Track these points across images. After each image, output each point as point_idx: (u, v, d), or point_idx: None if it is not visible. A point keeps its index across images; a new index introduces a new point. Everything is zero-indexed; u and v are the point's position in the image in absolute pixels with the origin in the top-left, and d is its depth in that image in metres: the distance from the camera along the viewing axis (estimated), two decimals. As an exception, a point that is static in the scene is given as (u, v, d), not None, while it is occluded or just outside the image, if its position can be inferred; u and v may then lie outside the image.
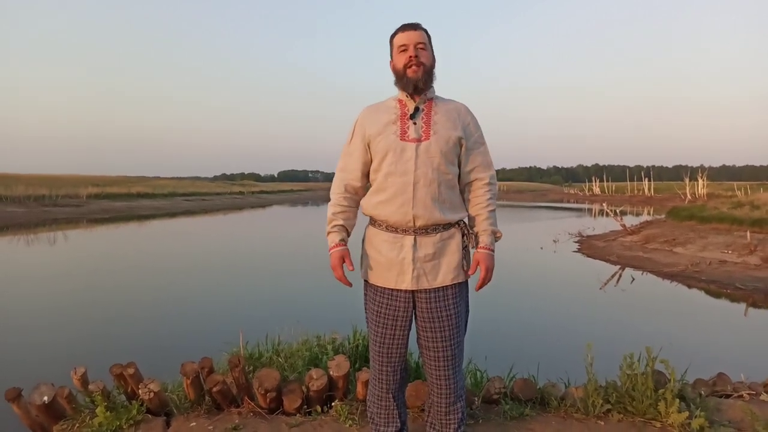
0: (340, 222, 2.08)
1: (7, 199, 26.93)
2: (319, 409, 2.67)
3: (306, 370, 2.82)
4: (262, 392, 2.58)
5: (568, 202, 52.55)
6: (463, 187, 2.07)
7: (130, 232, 22.32)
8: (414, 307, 2.01)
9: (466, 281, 2.07)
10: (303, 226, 25.98)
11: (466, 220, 2.08)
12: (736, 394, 3.02)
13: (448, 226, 1.99)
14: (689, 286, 10.18)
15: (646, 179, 54.95)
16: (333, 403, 2.70)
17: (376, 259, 2.02)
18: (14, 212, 25.13)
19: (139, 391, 2.55)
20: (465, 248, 2.02)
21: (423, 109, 1.99)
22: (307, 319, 4.30)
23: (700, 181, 38.84)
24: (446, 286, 1.97)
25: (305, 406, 2.67)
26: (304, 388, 2.67)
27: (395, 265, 1.97)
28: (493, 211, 2.04)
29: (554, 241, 16.59)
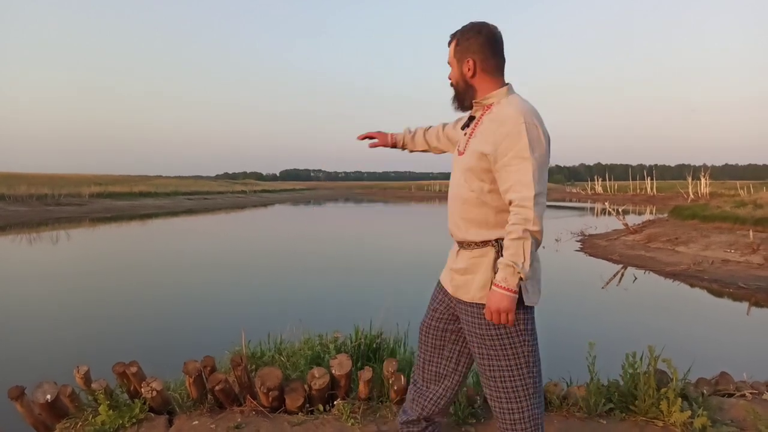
0: (413, 128, 2.29)
1: (10, 198, 27.01)
2: (321, 407, 2.67)
3: (308, 369, 2.82)
4: (265, 391, 2.58)
5: (571, 201, 52.49)
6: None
7: (132, 230, 22.36)
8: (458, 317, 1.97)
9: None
10: (305, 226, 26.00)
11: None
12: (738, 394, 3.01)
13: (482, 243, 1.85)
14: (692, 285, 10.17)
15: (649, 178, 54.83)
16: (335, 402, 2.70)
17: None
18: (17, 211, 25.19)
19: (142, 389, 2.55)
20: (497, 270, 1.78)
21: (476, 119, 1.90)
22: (310, 318, 4.30)
23: (703, 180, 38.73)
24: (478, 303, 1.84)
25: (307, 405, 2.68)
26: (306, 386, 2.68)
27: (447, 268, 2.00)
28: (518, 240, 1.70)
29: (556, 240, 16.56)
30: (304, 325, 3.82)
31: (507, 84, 1.86)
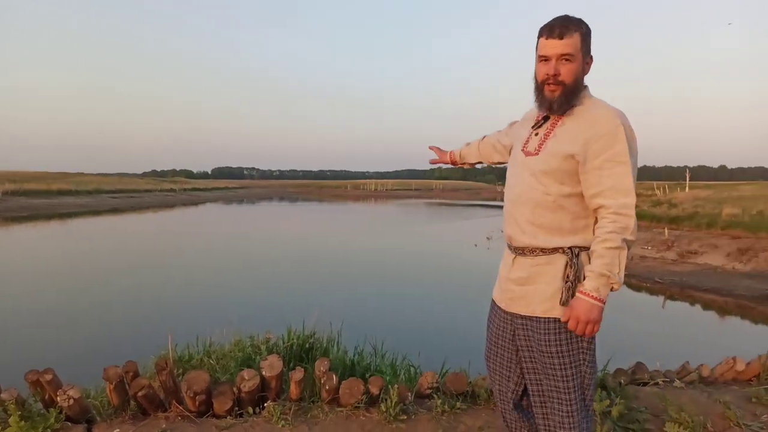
0: (468, 143, 2.35)
1: None
2: (251, 410, 2.62)
3: (239, 371, 2.76)
4: (191, 395, 2.50)
5: (501, 200, 54.07)
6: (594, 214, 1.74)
7: (51, 231, 21.13)
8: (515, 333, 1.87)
9: None
10: (236, 225, 25.45)
11: (583, 245, 1.74)
12: (652, 382, 3.21)
13: (550, 250, 1.73)
14: (612, 281, 10.71)
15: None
16: (265, 404, 2.66)
17: (498, 272, 1.96)
18: None
19: (58, 398, 2.41)
20: (568, 279, 1.70)
21: (551, 119, 1.77)
22: (241, 320, 4.21)
23: (623, 181, 40.94)
24: (540, 318, 1.75)
25: (236, 408, 2.62)
26: (235, 389, 2.62)
27: (501, 281, 1.91)
28: (616, 249, 1.62)
29: (488, 238, 17.02)
30: (234, 326, 3.74)
31: (586, 86, 1.76)
